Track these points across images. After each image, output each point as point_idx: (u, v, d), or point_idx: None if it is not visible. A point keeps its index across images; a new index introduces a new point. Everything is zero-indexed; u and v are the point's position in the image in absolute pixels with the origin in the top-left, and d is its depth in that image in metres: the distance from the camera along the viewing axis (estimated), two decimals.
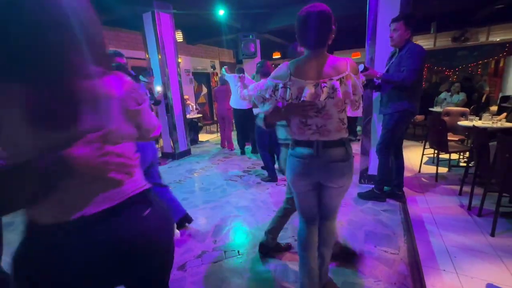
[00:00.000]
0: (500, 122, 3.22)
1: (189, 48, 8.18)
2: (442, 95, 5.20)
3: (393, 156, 2.60)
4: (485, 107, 6.75)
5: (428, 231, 2.25)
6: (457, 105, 4.80)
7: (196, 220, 2.56)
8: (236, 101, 4.33)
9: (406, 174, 3.55)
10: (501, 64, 8.06)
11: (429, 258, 1.92)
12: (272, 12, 6.02)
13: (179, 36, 5.87)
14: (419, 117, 5.12)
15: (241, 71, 4.12)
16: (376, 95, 2.85)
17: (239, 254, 2.04)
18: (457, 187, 2.95)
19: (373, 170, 2.95)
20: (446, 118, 4.02)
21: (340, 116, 1.22)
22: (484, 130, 2.89)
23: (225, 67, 4.41)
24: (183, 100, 4.98)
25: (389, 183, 2.73)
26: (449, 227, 2.29)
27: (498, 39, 7.59)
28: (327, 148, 1.23)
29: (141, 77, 3.87)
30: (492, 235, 2.13)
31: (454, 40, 7.81)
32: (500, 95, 7.38)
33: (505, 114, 3.61)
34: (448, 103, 4.86)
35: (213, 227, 2.46)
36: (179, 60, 7.50)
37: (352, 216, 2.50)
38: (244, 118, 4.41)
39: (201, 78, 9.12)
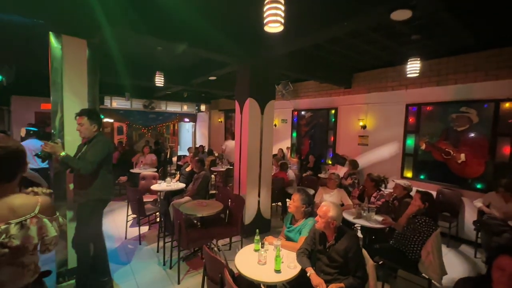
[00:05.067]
0: (176, 185, 4.43)
1: None
2: (136, 156, 6.14)
3: (93, 243, 2.53)
4: (170, 160, 9.08)
5: None
6: (150, 165, 5.89)
7: None
8: None
9: (113, 245, 3.61)
10: (176, 127, 11.55)
11: None
12: None
13: None
14: (123, 178, 5.54)
15: None
16: None
17: None
18: (156, 245, 3.54)
19: (75, 261, 2.63)
20: (142, 182, 4.76)
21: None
22: (167, 192, 3.82)
23: None
24: None
25: (94, 271, 2.58)
26: None
27: (172, 110, 10.86)
28: None
29: None
30: (178, 283, 2.82)
31: (145, 107, 9.91)
32: (178, 153, 10.41)
33: (178, 176, 5.06)
34: (144, 165, 5.80)
35: None
36: None
37: None
38: None
39: None
